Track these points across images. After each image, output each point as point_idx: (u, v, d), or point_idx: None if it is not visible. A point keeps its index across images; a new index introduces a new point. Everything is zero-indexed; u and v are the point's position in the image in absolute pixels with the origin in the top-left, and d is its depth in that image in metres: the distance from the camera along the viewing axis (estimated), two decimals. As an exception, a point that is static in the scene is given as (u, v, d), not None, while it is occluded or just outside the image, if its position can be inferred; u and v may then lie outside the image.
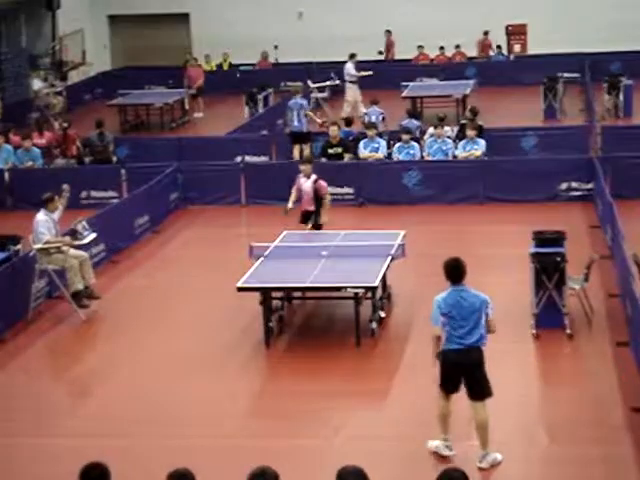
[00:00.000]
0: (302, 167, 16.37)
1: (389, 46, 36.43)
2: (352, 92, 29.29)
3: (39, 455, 10.84)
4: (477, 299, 10.08)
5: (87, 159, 22.95)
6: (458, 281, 10.15)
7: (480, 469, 9.96)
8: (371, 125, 21.93)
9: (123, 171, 21.47)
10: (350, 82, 29.45)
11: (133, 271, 17.11)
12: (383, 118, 24.40)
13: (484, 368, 10.03)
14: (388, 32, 36.07)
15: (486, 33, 35.78)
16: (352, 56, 30.10)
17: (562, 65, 32.35)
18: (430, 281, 15.60)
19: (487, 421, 10.04)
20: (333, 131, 21.14)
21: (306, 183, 16.14)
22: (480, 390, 10.05)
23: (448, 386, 10.14)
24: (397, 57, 36.26)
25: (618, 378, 11.91)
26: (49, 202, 15.08)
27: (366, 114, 24.96)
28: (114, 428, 11.29)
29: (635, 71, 30.64)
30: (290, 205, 16.27)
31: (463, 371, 10.03)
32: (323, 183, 16.19)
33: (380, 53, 35.56)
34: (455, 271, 10.16)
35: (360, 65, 30.08)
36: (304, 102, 23.79)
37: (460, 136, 21.43)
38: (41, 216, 14.99)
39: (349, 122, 23.15)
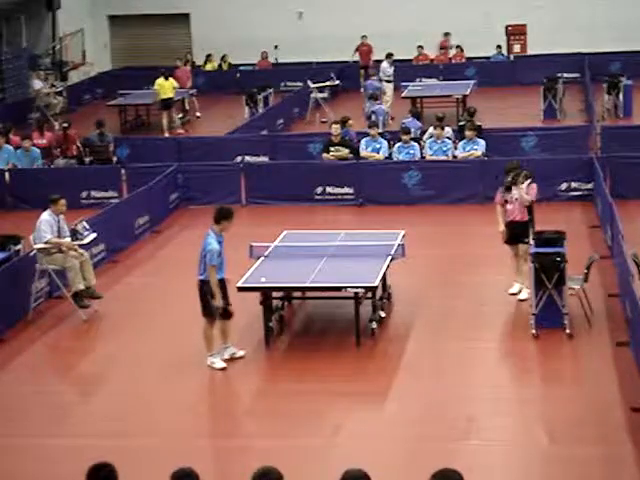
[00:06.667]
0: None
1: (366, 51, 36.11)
2: (390, 91, 29.27)
3: (39, 455, 10.83)
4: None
5: (87, 159, 22.97)
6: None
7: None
8: (373, 124, 21.99)
9: (123, 171, 21.47)
10: (386, 81, 29.47)
11: (133, 271, 17.11)
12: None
13: None
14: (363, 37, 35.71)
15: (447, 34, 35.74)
16: (388, 55, 30.16)
17: (562, 65, 32.42)
18: (430, 281, 15.68)
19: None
20: (335, 130, 21.17)
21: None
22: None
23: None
24: (397, 57, 36.14)
25: (618, 378, 11.90)
26: (52, 203, 15.05)
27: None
28: (114, 428, 11.28)
29: (635, 71, 30.68)
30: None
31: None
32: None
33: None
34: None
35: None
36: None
37: (460, 136, 21.43)
38: (45, 216, 14.98)
39: (345, 122, 23.14)
